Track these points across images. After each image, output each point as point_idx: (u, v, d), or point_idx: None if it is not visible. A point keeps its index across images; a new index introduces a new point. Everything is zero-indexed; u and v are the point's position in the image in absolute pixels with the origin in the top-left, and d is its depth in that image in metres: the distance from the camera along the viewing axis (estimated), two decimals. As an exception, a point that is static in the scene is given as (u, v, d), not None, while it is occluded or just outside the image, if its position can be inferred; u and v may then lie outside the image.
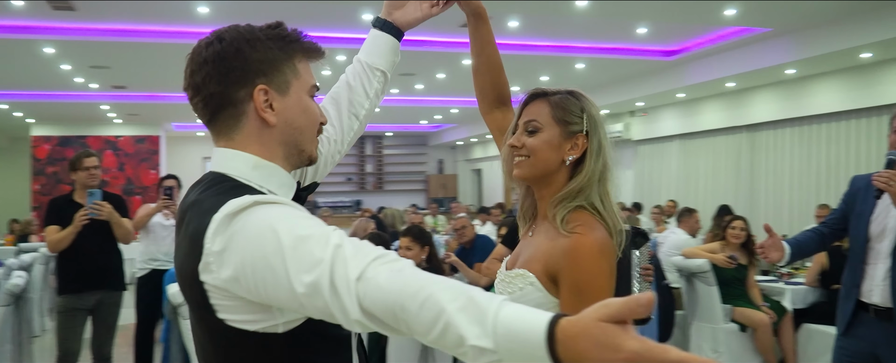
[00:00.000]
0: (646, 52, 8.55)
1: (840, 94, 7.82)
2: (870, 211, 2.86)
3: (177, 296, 4.23)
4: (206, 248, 1.07)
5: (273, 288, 1.03)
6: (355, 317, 0.97)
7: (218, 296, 1.10)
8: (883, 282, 2.79)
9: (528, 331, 0.86)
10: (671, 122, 10.67)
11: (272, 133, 1.24)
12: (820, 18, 6.63)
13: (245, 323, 1.11)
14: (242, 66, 1.20)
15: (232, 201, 1.08)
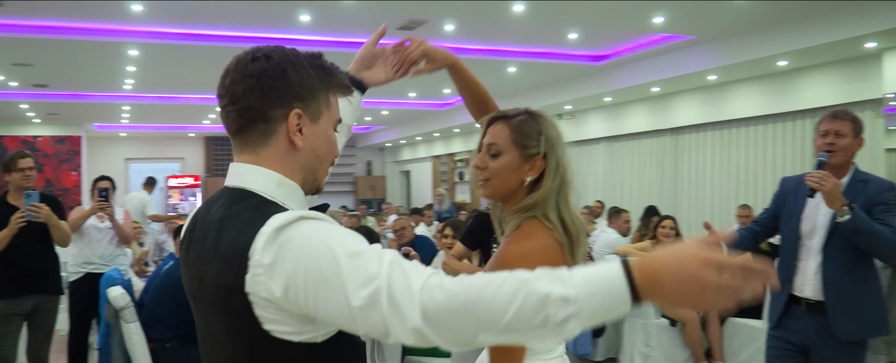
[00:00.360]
0: (575, 56, 8.79)
1: (758, 99, 8.22)
2: (800, 210, 3.03)
3: (119, 300, 4.17)
4: (255, 261, 1.10)
5: (323, 300, 1.07)
6: (414, 326, 1.02)
7: (264, 309, 1.12)
8: (815, 276, 2.95)
9: (605, 272, 0.99)
10: (598, 125, 10.98)
11: (296, 156, 1.28)
12: (740, 28, 6.97)
13: (290, 334, 1.15)
14: (284, 87, 1.24)
15: (278, 215, 1.12)
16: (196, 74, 9.12)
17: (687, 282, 0.97)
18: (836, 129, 2.92)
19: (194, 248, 1.26)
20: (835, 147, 2.91)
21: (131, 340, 4.21)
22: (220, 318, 1.20)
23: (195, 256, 1.25)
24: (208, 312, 1.25)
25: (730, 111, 8.58)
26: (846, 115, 2.99)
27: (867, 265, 2.97)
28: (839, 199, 2.77)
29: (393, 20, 6.86)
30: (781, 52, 6.91)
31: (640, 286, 0.98)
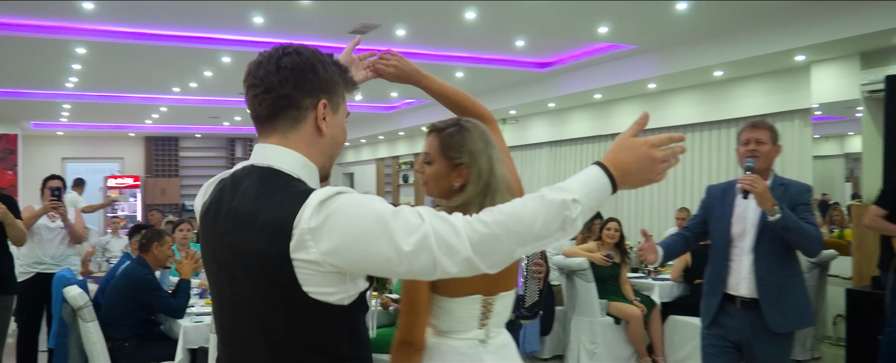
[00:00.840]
0: (521, 63, 9.03)
1: (695, 107, 8.59)
2: (730, 213, 3.25)
3: (78, 299, 4.18)
4: (302, 228, 1.26)
5: (375, 252, 1.25)
6: (465, 256, 1.25)
7: (307, 270, 1.28)
8: (748, 275, 3.16)
9: (589, 174, 1.33)
10: (541, 130, 11.25)
11: (319, 142, 1.45)
12: (680, 39, 7.31)
13: (325, 294, 1.31)
14: (315, 79, 1.42)
15: (318, 191, 1.30)
16: (144, 74, 9.04)
17: (643, 162, 1.34)
18: (757, 137, 3.17)
19: (225, 220, 1.38)
20: (757, 153, 3.15)
21: (90, 340, 4.22)
22: (257, 284, 1.34)
23: (227, 228, 1.37)
24: (241, 279, 1.36)
25: (668, 118, 8.92)
26: (764, 125, 3.24)
27: (793, 261, 3.20)
28: (770, 200, 2.99)
29: (345, 24, 6.96)
30: (717, 63, 7.26)
31: (617, 178, 1.33)
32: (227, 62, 8.19)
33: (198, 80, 9.63)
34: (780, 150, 3.25)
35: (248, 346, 1.41)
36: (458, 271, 1.27)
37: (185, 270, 4.61)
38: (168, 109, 12.35)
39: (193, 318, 4.41)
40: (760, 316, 3.11)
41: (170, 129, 15.72)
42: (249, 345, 1.40)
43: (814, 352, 6.12)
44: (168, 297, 4.43)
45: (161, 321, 4.76)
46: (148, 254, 4.50)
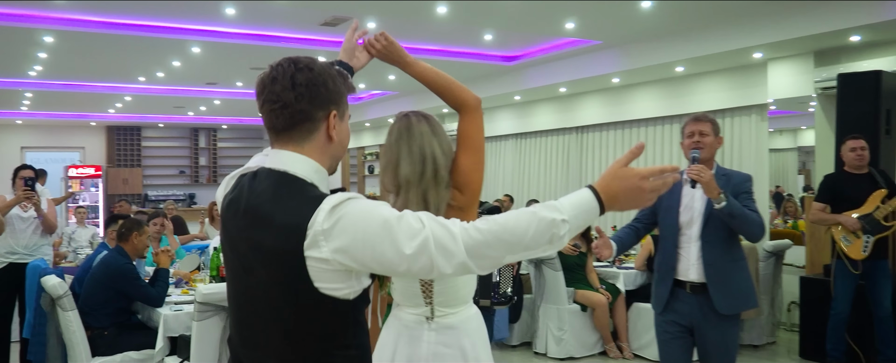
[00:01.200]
0: (489, 56, 9.18)
1: (657, 101, 8.84)
2: (678, 203, 3.40)
3: (58, 289, 4.23)
4: (315, 229, 1.39)
5: (380, 253, 1.38)
6: (460, 261, 1.39)
7: (318, 267, 1.41)
8: (697, 261, 3.31)
9: (580, 196, 1.45)
10: (507, 122, 11.42)
11: (329, 147, 1.59)
12: (643, 35, 7.52)
13: (333, 290, 1.44)
14: (326, 94, 1.55)
15: (331, 197, 1.43)
16: (111, 63, 8.98)
17: (632, 192, 1.46)
18: (700, 129, 3.33)
19: (244, 216, 1.51)
20: (702, 144, 3.31)
21: (69, 329, 4.27)
22: (272, 277, 1.47)
23: (245, 224, 1.51)
24: (258, 271, 1.49)
25: (631, 112, 9.17)
26: (706, 118, 3.40)
27: (736, 247, 3.38)
28: (716, 188, 3.16)
29: (317, 16, 7.03)
30: (679, 59, 7.50)
31: (606, 203, 1.45)
32: (197, 52, 8.19)
33: (165, 70, 9.59)
34: (722, 141, 3.42)
35: (260, 331, 1.53)
36: (453, 272, 1.41)
37: (162, 260, 4.68)
38: (132, 99, 12.24)
39: (173, 307, 4.48)
40: (709, 299, 3.28)
41: (132, 118, 15.54)
42: (262, 331, 1.53)
43: (769, 337, 6.40)
44: (147, 287, 4.50)
45: (138, 310, 4.82)
46: (127, 243, 4.55)
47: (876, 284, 5.10)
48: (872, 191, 5.04)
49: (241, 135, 18.32)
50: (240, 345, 1.61)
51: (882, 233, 4.97)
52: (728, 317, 3.31)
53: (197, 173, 17.64)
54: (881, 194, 4.99)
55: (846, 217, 5.05)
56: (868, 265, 5.06)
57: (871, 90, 5.61)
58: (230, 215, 1.58)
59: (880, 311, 5.09)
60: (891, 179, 5.17)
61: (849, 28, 5.85)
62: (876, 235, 4.96)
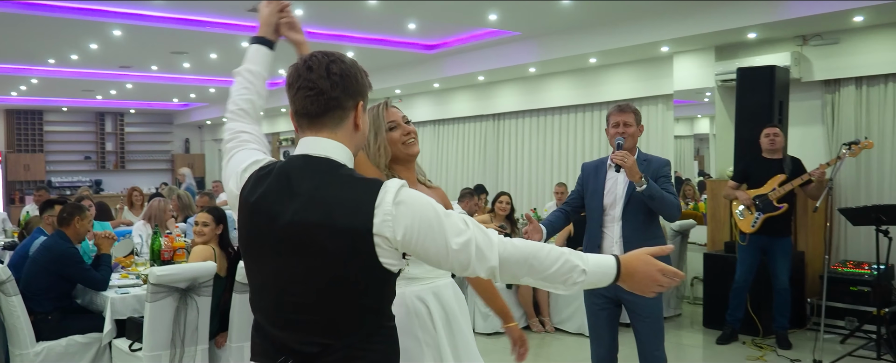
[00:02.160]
0: (410, 45, 9.41)
1: (570, 91, 9.31)
2: (602, 187, 3.69)
3: (1, 274, 4.24)
4: (384, 211, 1.54)
5: (431, 242, 1.56)
6: (491, 265, 1.57)
7: (383, 245, 1.55)
8: (618, 239, 3.61)
9: (605, 260, 1.66)
10: (425, 109, 11.70)
11: (355, 136, 1.73)
12: (559, 28, 7.93)
13: (391, 265, 1.59)
14: (356, 85, 1.69)
15: (390, 182, 1.59)
16: (20, 44, 8.72)
17: (646, 279, 1.68)
18: (624, 119, 3.62)
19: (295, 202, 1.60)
20: (625, 133, 3.60)
21: (14, 314, 4.29)
22: (337, 255, 1.56)
23: (301, 207, 1.58)
24: (319, 251, 1.57)
25: (546, 100, 9.60)
26: (629, 108, 3.65)
27: (655, 226, 3.68)
28: (639, 173, 3.46)
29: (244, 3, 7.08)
30: (592, 51, 7.95)
31: (623, 275, 1.66)
32: (118, 35, 8.07)
33: (80, 53, 9.36)
34: (643, 129, 3.73)
35: (310, 310, 1.61)
36: (482, 274, 1.59)
37: (104, 245, 4.73)
38: (39, 81, 11.83)
39: (118, 290, 4.56)
40: None
41: (34, 101, 14.95)
42: (312, 310, 1.61)
43: (676, 309, 6.97)
44: (91, 270, 4.54)
45: (78, 295, 4.85)
46: (69, 227, 4.58)
47: (776, 259, 5.68)
48: (777, 174, 5.61)
49: (150, 119, 17.88)
50: (277, 327, 1.66)
51: (772, 213, 5.55)
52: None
53: (103, 159, 17.13)
54: (779, 178, 5.57)
55: (742, 192, 5.65)
56: (768, 241, 5.64)
57: (766, 83, 6.18)
58: (266, 206, 1.65)
59: (778, 284, 5.68)
60: (800, 168, 5.71)
61: (746, 26, 6.41)
62: (766, 213, 5.54)
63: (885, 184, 6.31)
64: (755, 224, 5.58)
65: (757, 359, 5.45)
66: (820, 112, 6.75)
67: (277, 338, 1.65)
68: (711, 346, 5.91)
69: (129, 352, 4.21)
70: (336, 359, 1.60)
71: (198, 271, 4.10)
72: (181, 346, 4.08)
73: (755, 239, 5.67)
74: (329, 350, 1.60)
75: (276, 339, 1.66)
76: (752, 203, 5.59)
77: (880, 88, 6.33)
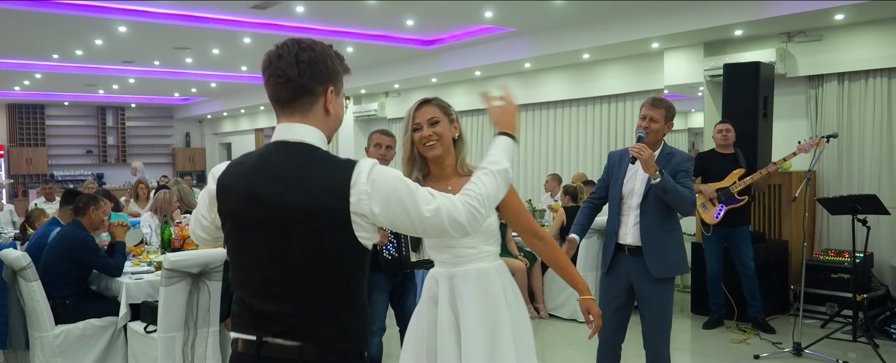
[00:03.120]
0: (409, 40, 9.63)
1: (564, 85, 9.54)
2: (623, 175, 3.78)
3: (21, 261, 4.48)
4: (360, 190, 1.66)
5: (405, 213, 1.71)
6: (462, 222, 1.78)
7: (359, 222, 1.69)
8: (634, 227, 3.71)
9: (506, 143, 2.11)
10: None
11: (327, 120, 1.81)
12: (554, 24, 8.16)
13: (365, 240, 1.73)
14: (325, 71, 1.77)
15: (362, 161, 1.72)
16: (27, 40, 8.92)
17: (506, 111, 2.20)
18: (652, 115, 3.67)
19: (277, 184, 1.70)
20: (649, 129, 3.68)
21: (33, 298, 4.52)
22: (315, 232, 1.68)
23: (282, 189, 1.69)
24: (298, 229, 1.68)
25: (541, 95, 9.84)
26: (662, 104, 3.67)
27: (673, 218, 3.76)
28: (653, 166, 3.54)
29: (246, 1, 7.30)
30: (585, 47, 8.19)
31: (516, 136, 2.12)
32: (123, 31, 8.28)
33: (85, 48, 9.57)
34: (672, 126, 3.77)
35: (289, 285, 1.71)
36: (454, 233, 1.77)
37: (118, 233, 4.96)
38: (42, 76, 12.03)
39: (132, 276, 4.79)
40: (643, 262, 3.66)
41: (36, 96, 15.15)
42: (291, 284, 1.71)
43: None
44: (106, 257, 4.77)
45: (92, 281, 5.07)
46: (84, 217, 4.81)
47: (738, 247, 5.97)
48: (733, 168, 5.90)
49: (151, 113, 18.08)
50: (262, 299, 1.74)
51: (735, 205, 5.83)
52: (661, 279, 3.62)
53: (105, 153, 17.33)
54: (739, 172, 5.86)
55: (705, 186, 5.92)
56: (728, 231, 5.95)
57: (751, 78, 6.42)
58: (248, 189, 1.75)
59: (745, 270, 5.95)
60: (752, 161, 6.03)
61: (733, 23, 6.65)
62: (729, 206, 5.84)
63: (866, 176, 6.57)
64: (718, 216, 5.84)
65: (740, 341, 5.72)
66: (804, 106, 7.00)
67: (258, 309, 1.74)
68: (698, 331, 6.17)
69: (145, 333, 4.44)
70: (310, 329, 1.70)
71: (209, 257, 4.34)
72: (194, 328, 4.32)
73: (717, 230, 5.97)
74: (305, 321, 1.70)
75: (257, 311, 1.74)
76: (715, 196, 5.85)
77: (861, 84, 6.58)
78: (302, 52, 1.74)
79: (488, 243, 2.55)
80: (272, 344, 1.71)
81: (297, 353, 1.70)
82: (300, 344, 1.70)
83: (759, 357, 5.26)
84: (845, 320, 5.78)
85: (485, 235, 2.52)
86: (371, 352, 4.20)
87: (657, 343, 3.67)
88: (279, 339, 1.71)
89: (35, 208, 7.39)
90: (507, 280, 2.56)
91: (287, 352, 1.70)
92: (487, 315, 2.46)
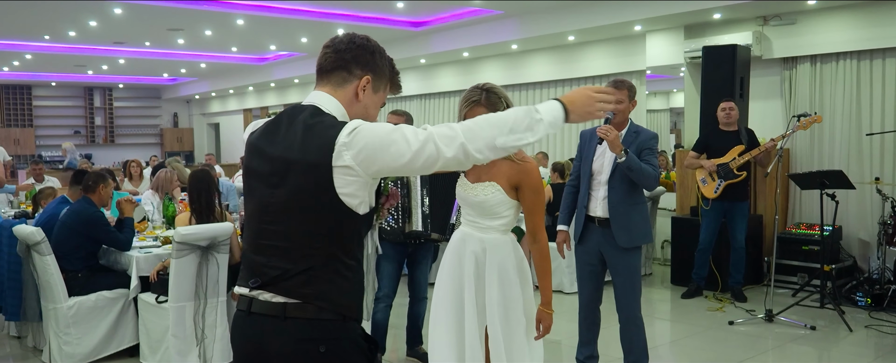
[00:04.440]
0: (398, 22, 9.83)
1: (550, 66, 9.80)
2: (592, 154, 4.06)
3: (35, 236, 4.71)
4: (341, 143, 1.69)
5: (394, 149, 1.67)
6: (460, 141, 1.67)
7: (341, 176, 1.70)
8: (602, 201, 4.00)
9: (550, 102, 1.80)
10: (412, 84, 12.10)
11: (355, 104, 1.90)
12: (540, 7, 8.39)
13: (349, 196, 1.73)
14: (369, 60, 1.89)
15: (350, 122, 1.75)
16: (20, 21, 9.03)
17: (585, 100, 1.84)
18: (618, 97, 3.87)
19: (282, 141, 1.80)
20: (616, 110, 3.91)
21: (47, 271, 4.75)
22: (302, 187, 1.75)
23: (285, 147, 1.79)
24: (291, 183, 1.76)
25: (527, 76, 10.09)
26: (624, 85, 3.91)
27: (637, 193, 4.04)
28: (619, 146, 3.82)
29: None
30: (570, 30, 8.44)
31: (567, 106, 1.80)
32: (118, 13, 8.43)
33: (78, 29, 9.70)
34: (635, 104, 4.07)
35: (280, 236, 1.79)
36: (454, 156, 1.67)
37: (126, 208, 5.18)
38: (32, 57, 12.12)
39: (140, 250, 5.03)
40: (611, 233, 3.98)
41: (23, 76, 15.21)
42: (282, 236, 1.79)
43: (647, 269, 7.56)
44: (116, 232, 5.01)
45: (101, 255, 5.30)
46: (94, 193, 5.03)
47: (734, 221, 6.28)
48: (735, 145, 6.17)
49: (139, 94, 18.16)
50: (254, 252, 1.85)
51: (733, 180, 6.12)
52: (628, 249, 3.90)
53: (93, 133, 17.42)
54: (739, 149, 6.13)
55: (706, 161, 6.22)
56: (729, 205, 6.24)
57: (729, 60, 6.71)
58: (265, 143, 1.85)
59: (736, 243, 6.28)
60: (754, 138, 6.28)
61: (712, 7, 6.92)
62: (727, 180, 6.12)
63: (836, 153, 6.90)
64: (718, 190, 6.16)
65: (716, 309, 6.06)
66: (779, 87, 7.31)
67: (252, 261, 1.85)
68: (677, 301, 6.51)
69: (156, 304, 4.69)
70: (293, 285, 1.77)
71: (217, 231, 4.59)
72: (204, 298, 4.58)
73: (717, 204, 6.24)
74: (286, 274, 1.77)
75: (252, 263, 1.85)
76: (715, 171, 6.16)
77: (832, 66, 6.89)
78: (358, 38, 1.90)
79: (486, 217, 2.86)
80: (260, 300, 1.81)
81: (281, 310, 1.77)
82: (284, 300, 1.77)
83: (733, 323, 5.60)
84: (815, 289, 6.13)
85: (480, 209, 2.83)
86: (376, 318, 4.52)
87: (628, 306, 3.99)
88: (266, 294, 1.79)
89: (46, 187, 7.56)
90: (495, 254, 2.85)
91: (273, 308, 1.78)
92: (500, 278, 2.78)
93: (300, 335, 1.76)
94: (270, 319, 1.79)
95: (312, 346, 1.76)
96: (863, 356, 4.89)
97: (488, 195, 2.79)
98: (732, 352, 4.96)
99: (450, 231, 4.49)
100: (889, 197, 6.10)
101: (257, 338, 1.81)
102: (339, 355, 1.79)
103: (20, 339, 5.51)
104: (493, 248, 2.83)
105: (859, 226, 6.78)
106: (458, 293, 2.87)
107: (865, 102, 6.71)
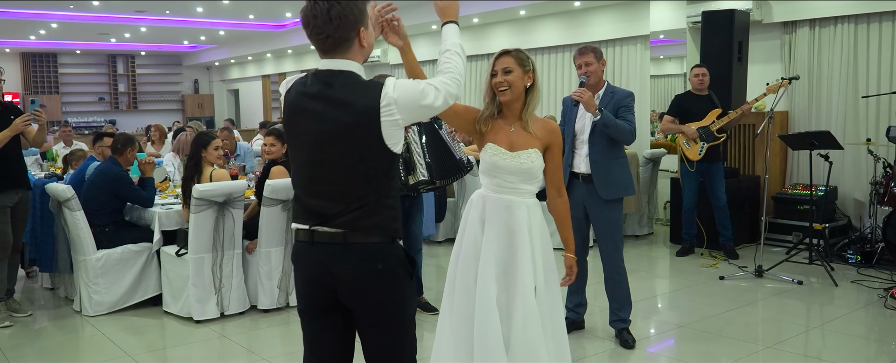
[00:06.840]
0: (409, -11, 10.03)
1: (557, 32, 9.97)
2: (574, 116, 4.34)
3: (66, 192, 5.06)
4: (387, 99, 2.05)
5: (424, 97, 2.09)
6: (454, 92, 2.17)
7: (387, 126, 2.07)
8: (585, 158, 4.28)
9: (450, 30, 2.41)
10: (424, 49, 12.24)
11: (363, 51, 2.19)
12: (547, -27, 8.58)
13: (393, 145, 2.11)
14: (356, 16, 2.12)
15: (389, 79, 2.12)
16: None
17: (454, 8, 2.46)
18: (586, 60, 4.21)
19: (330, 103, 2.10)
20: (588, 72, 4.22)
21: (77, 226, 5.12)
22: (358, 140, 2.08)
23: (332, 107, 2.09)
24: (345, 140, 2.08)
25: (535, 41, 10.26)
26: (588, 49, 4.18)
27: (617, 148, 4.29)
28: (593, 106, 4.03)
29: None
30: (578, -6, 8.62)
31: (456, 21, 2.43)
32: None
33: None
34: (605, 63, 4.32)
35: (339, 181, 2.12)
36: (456, 91, 2.17)
37: (147, 169, 5.53)
38: (58, 25, 12.48)
39: (162, 207, 5.38)
40: (594, 187, 4.21)
41: (49, 45, 15.60)
42: (340, 180, 2.11)
43: (649, 229, 7.83)
44: (139, 190, 5.36)
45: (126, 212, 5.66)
46: (122, 156, 5.37)
47: (713, 181, 6.55)
48: (711, 109, 6.41)
49: (160, 61, 18.52)
50: (310, 197, 2.16)
51: (714, 142, 6.39)
52: (610, 201, 4.21)
53: (117, 100, 17.85)
54: (717, 112, 6.39)
55: (687, 127, 6.45)
56: (706, 166, 6.50)
57: (727, 25, 6.88)
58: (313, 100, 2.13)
59: (717, 202, 6.54)
60: (726, 102, 6.55)
61: (713, -28, 7.09)
62: (709, 143, 6.38)
63: (833, 115, 7.08)
64: (701, 152, 6.41)
65: (710, 266, 6.34)
66: (778, 51, 7.46)
67: (309, 204, 2.18)
68: (673, 258, 6.79)
69: (176, 256, 5.05)
70: (350, 219, 2.12)
71: (232, 188, 4.92)
72: (221, 250, 4.93)
73: (697, 165, 6.49)
74: (345, 211, 2.12)
75: (308, 206, 2.18)
76: (698, 135, 6.39)
77: (830, 29, 7.04)
78: (332, 8, 2.06)
79: (528, 183, 2.92)
80: (321, 231, 2.15)
81: (342, 238, 2.13)
82: (343, 230, 2.12)
83: (723, 278, 5.88)
84: (807, 247, 6.37)
85: (525, 175, 2.90)
86: None
87: (611, 257, 4.29)
88: (325, 227, 2.14)
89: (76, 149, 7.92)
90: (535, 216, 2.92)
91: (334, 237, 2.14)
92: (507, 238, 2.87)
93: (361, 257, 2.13)
94: (334, 247, 2.14)
95: (372, 265, 2.14)
96: (844, 307, 5.14)
97: (534, 161, 2.88)
98: (720, 304, 5.24)
99: (467, 166, 4.77)
100: (881, 157, 6.30)
101: (322, 263, 2.17)
102: (392, 269, 2.17)
103: (53, 291, 5.92)
104: (534, 209, 2.93)
105: (855, 187, 6.98)
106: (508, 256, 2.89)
107: (862, 65, 6.86)
